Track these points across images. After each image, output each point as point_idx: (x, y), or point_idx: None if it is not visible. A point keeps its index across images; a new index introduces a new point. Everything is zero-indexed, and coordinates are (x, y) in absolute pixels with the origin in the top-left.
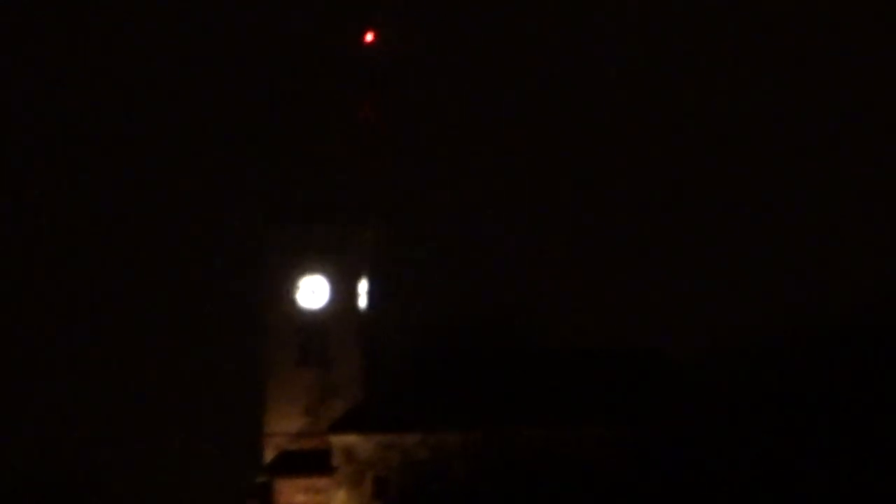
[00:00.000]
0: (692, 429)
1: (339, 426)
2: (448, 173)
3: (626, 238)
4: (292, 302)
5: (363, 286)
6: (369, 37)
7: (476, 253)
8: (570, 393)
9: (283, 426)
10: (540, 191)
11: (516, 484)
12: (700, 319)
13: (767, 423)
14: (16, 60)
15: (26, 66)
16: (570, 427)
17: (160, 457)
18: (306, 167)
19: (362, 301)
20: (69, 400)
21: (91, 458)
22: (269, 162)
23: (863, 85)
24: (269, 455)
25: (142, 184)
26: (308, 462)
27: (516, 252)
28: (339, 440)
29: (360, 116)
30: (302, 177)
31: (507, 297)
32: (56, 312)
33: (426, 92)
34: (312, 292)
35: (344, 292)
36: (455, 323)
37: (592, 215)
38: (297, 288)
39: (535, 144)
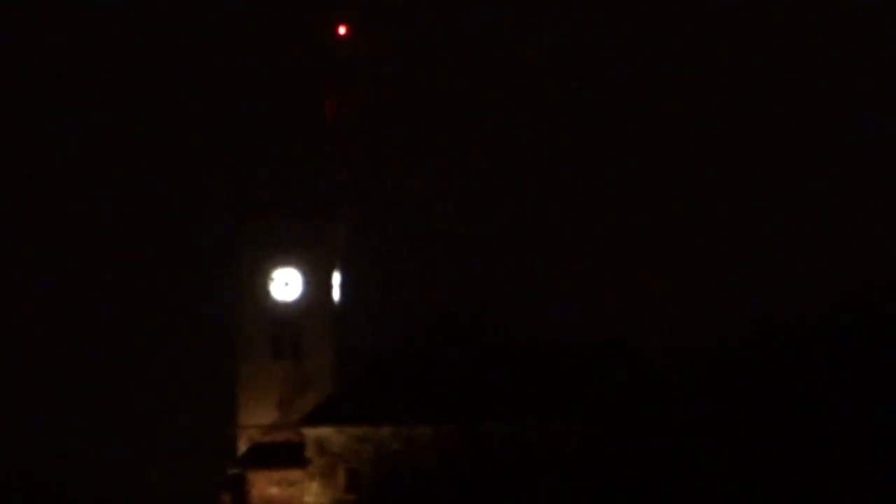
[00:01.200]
0: (664, 424)
1: (312, 419)
2: (422, 169)
3: (598, 234)
4: (266, 295)
5: (336, 279)
6: (342, 30)
7: (450, 247)
8: (543, 387)
9: (256, 418)
10: (511, 187)
11: (488, 477)
12: (672, 314)
13: (739, 419)
14: None
15: None
16: (542, 421)
17: (134, 449)
18: (280, 162)
19: (335, 294)
20: (41, 396)
21: (64, 452)
22: (242, 157)
23: (863, 85)
24: (241, 447)
25: (113, 181)
26: (281, 454)
27: (491, 247)
28: (312, 433)
29: (331, 111)
30: (275, 171)
31: (480, 292)
32: (25, 311)
33: (409, 86)
34: (286, 285)
35: (317, 285)
36: (428, 317)
37: (565, 211)
38: (271, 281)
39: (512, 140)
